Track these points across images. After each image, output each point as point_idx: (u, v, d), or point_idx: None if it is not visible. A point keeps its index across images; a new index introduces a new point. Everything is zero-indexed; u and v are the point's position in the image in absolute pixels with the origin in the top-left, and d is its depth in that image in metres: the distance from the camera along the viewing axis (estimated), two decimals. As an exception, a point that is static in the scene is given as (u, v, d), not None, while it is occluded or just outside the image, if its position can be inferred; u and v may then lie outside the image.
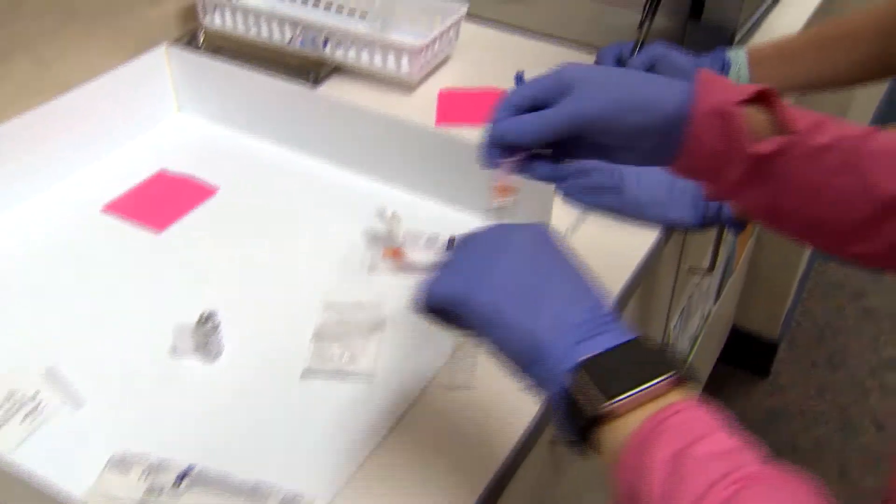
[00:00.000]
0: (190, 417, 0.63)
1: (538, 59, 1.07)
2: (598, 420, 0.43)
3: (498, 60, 1.07)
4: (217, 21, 1.07)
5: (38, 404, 0.62)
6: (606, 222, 0.80)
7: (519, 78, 1.03)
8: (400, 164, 0.84)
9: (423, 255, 0.74)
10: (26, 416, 0.61)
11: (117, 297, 0.73)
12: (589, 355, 0.44)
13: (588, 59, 0.99)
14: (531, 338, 0.46)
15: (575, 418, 0.44)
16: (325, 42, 1.02)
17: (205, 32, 1.09)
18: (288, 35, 1.04)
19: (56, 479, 0.55)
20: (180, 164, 0.88)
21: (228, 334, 0.68)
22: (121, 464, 0.57)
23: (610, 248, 0.78)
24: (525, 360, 0.46)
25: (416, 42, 0.98)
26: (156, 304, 0.72)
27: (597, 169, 0.79)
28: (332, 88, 1.02)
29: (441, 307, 0.50)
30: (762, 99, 0.54)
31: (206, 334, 0.65)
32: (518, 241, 0.50)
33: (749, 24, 1.04)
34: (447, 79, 1.03)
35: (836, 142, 0.53)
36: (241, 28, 1.06)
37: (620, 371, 0.44)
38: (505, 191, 0.57)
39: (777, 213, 0.56)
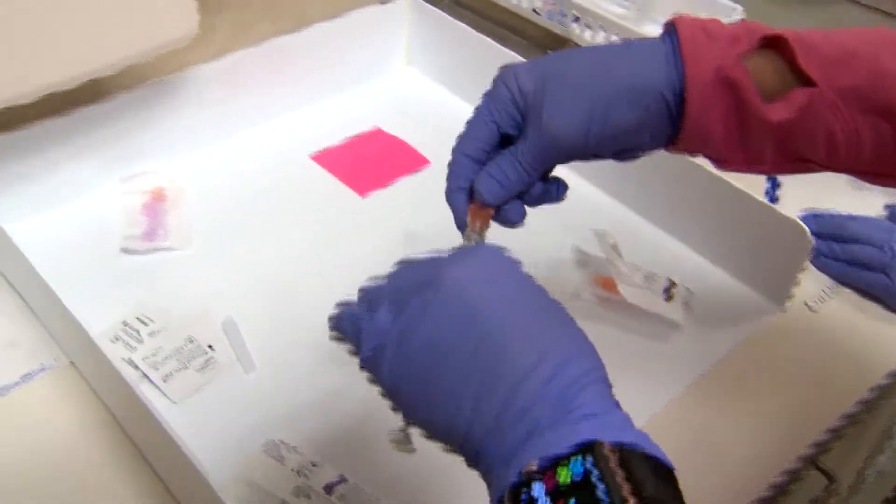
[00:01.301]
0: (352, 420, 0.58)
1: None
2: None
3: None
4: (465, -26, 1.01)
5: (213, 357, 0.60)
6: (866, 302, 0.68)
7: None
8: (632, 180, 0.75)
9: (636, 293, 0.66)
10: (201, 367, 0.60)
11: (307, 258, 0.69)
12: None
13: None
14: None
15: None
16: (575, 19, 0.93)
17: (450, -16, 1.03)
18: (536, 3, 0.96)
19: (206, 444, 0.52)
20: (397, 124, 0.83)
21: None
22: (276, 452, 0.54)
23: (865, 334, 0.66)
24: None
25: (677, 39, 0.86)
26: (343, 279, 0.68)
27: (859, 240, 0.66)
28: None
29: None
30: (765, 43, 0.44)
31: (388, 328, 0.61)
32: (454, 284, 0.36)
33: None
34: (700, 85, 0.91)
35: (870, 82, 0.43)
36: (488, -14, 0.99)
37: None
38: (481, 217, 0.47)
39: (808, 167, 0.47)
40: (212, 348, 0.61)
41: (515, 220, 0.48)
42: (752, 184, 0.78)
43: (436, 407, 0.35)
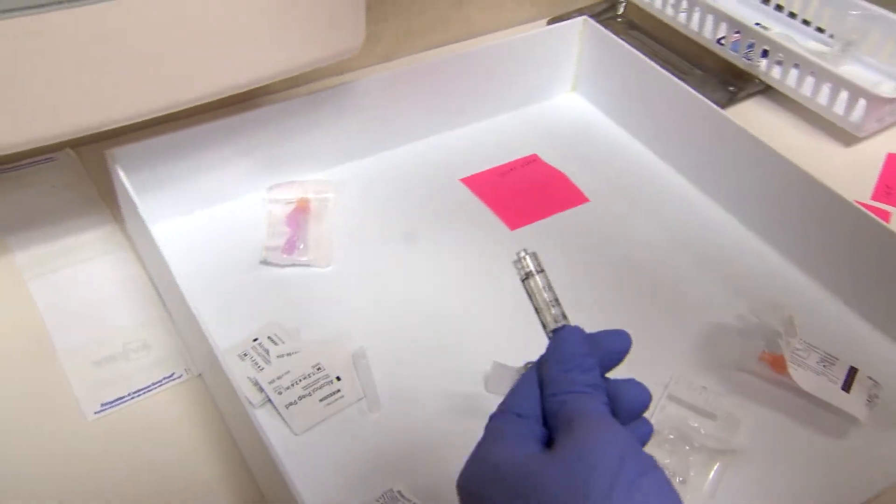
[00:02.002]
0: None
1: None
2: None
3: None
4: (645, -5, 0.94)
5: (339, 390, 0.57)
6: None
7: None
8: (817, 245, 0.66)
9: (810, 378, 0.57)
10: (325, 398, 0.57)
11: (447, 292, 0.65)
12: None
13: None
14: None
15: None
16: (764, 54, 0.84)
17: (626, 4, 0.96)
18: (721, 32, 0.88)
19: (319, 483, 0.50)
20: (557, 153, 0.78)
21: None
22: (393, 505, 0.51)
23: None
24: None
25: (885, 89, 0.76)
26: (483, 321, 0.63)
27: None
28: (752, 110, 0.85)
29: None
30: None
31: (526, 384, 0.56)
32: None
33: None
34: (905, 140, 0.81)
35: None
36: (668, 11, 0.92)
37: None
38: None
39: None
40: (339, 379, 0.58)
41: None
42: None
43: None
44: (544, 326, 0.41)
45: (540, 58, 0.81)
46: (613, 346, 0.39)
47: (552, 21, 0.94)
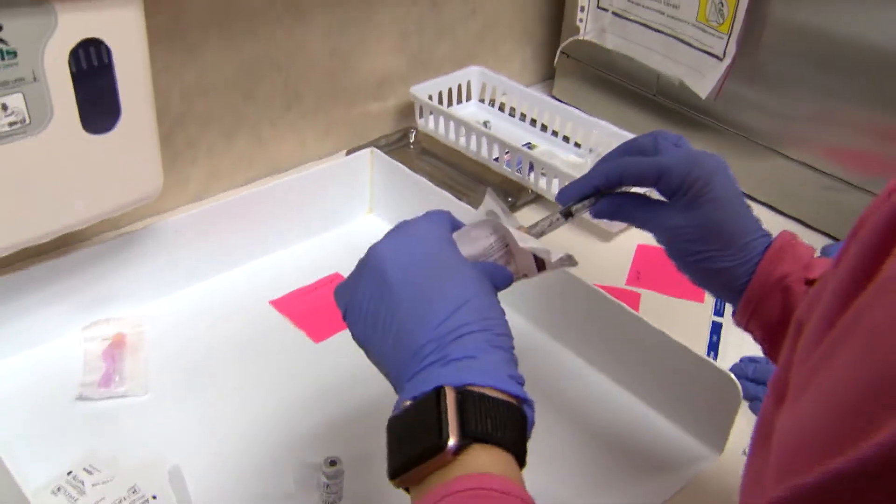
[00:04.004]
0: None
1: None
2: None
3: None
4: (430, 125, 1.07)
5: (154, 508, 0.61)
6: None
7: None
8: (582, 330, 0.78)
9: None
10: (140, 517, 0.61)
11: (258, 406, 0.71)
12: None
13: (817, 241, 0.88)
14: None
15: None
16: (531, 168, 0.98)
17: (417, 133, 1.09)
18: (496, 153, 1.02)
19: None
20: (357, 270, 0.87)
21: (353, 482, 0.64)
22: None
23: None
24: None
25: (624, 190, 0.91)
26: (292, 429, 0.70)
27: None
28: (528, 217, 0.98)
29: None
30: None
31: (328, 477, 0.62)
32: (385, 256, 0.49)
33: None
34: (650, 232, 0.95)
35: None
36: (451, 136, 1.06)
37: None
38: None
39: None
40: (154, 498, 0.62)
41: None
42: (696, 334, 0.81)
43: (376, 356, 0.49)
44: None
45: (337, 186, 0.91)
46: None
47: (350, 152, 1.04)
